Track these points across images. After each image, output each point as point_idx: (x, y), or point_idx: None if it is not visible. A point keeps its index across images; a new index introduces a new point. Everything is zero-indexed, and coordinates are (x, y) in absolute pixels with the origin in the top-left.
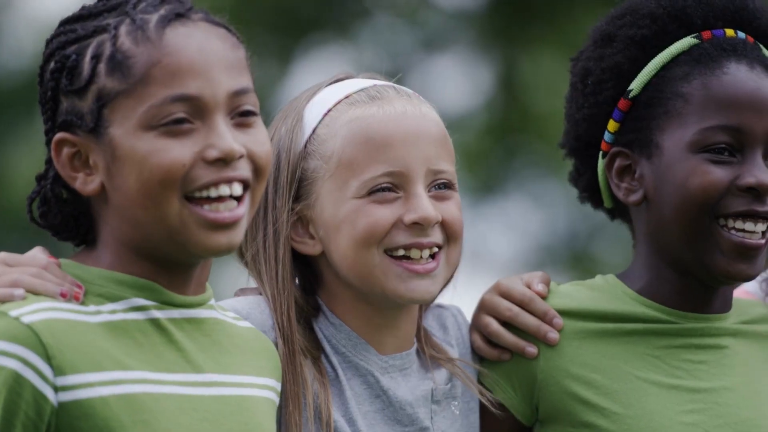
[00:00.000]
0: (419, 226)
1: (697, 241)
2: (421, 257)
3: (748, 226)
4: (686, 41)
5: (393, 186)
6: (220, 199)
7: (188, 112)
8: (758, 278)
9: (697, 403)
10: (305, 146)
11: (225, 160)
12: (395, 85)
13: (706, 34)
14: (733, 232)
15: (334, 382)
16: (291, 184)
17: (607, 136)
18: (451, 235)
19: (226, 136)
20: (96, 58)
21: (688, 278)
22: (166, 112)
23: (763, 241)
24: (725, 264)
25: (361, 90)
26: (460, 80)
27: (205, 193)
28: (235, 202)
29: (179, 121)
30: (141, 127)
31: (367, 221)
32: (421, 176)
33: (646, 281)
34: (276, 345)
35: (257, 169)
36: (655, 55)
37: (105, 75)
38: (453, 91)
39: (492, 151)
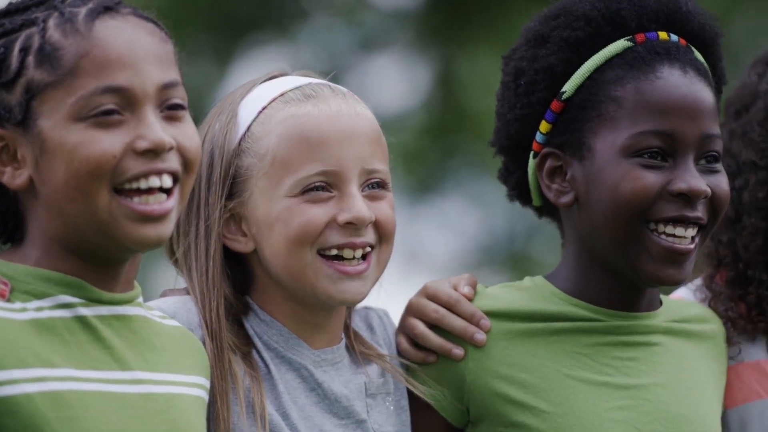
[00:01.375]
0: (353, 226)
1: (627, 245)
2: (354, 257)
3: (679, 231)
4: (620, 44)
5: (327, 185)
6: (149, 191)
7: (118, 103)
8: (691, 286)
9: (626, 400)
10: (239, 143)
11: (155, 152)
12: (330, 83)
13: (640, 37)
14: (663, 237)
15: (266, 377)
16: (224, 181)
17: (538, 137)
18: (383, 235)
19: (156, 128)
20: (24, 50)
21: (617, 279)
22: (96, 103)
23: (692, 246)
24: (654, 268)
25: (297, 88)
26: (397, 80)
27: (135, 185)
28: (164, 195)
29: (109, 113)
30: (70, 118)
31: (300, 220)
32: (355, 176)
33: (574, 281)
34: (204, 343)
35: (186, 163)
36: (589, 58)
37: (34, 67)
38: (390, 90)
39: (429, 150)
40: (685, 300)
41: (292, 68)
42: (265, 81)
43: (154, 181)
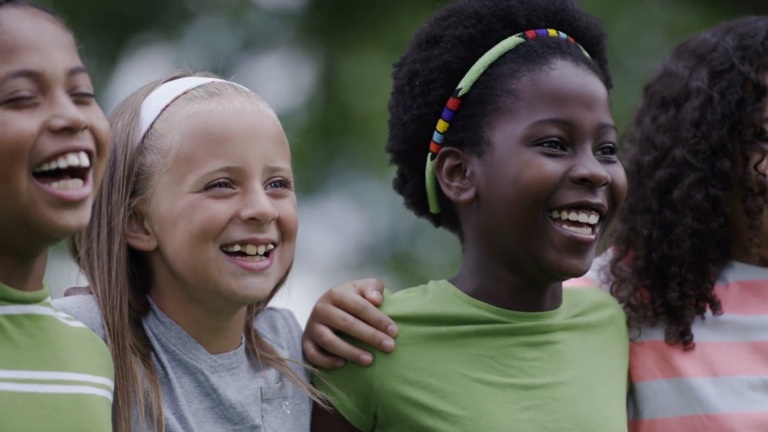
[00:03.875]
0: (256, 222)
1: (530, 236)
2: (257, 254)
3: (582, 217)
4: (512, 40)
5: (230, 181)
6: (68, 174)
7: (30, 89)
8: (594, 266)
9: (532, 400)
10: (142, 141)
11: (71, 129)
12: (234, 83)
13: (531, 34)
14: (564, 226)
15: (164, 380)
16: (128, 179)
17: (436, 137)
18: (286, 232)
19: (71, 107)
20: None
21: (520, 277)
22: (10, 87)
23: (593, 237)
24: (557, 259)
25: (200, 86)
26: (281, 80)
27: (53, 165)
28: (80, 182)
29: (24, 98)
30: None
31: (203, 216)
32: (258, 172)
33: (477, 283)
34: (106, 342)
35: (98, 144)
36: (482, 54)
37: None
38: (274, 90)
39: (312, 151)
40: (584, 287)
41: (188, 69)
42: (167, 81)
43: (72, 159)
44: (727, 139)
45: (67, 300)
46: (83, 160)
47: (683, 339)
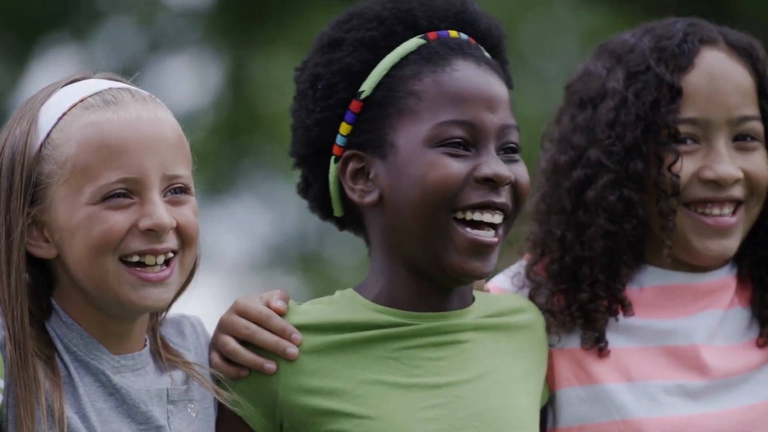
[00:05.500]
0: (154, 233)
1: (434, 238)
2: (156, 263)
3: (486, 217)
4: (414, 42)
5: (128, 192)
6: None
7: None
8: (508, 272)
9: (438, 398)
10: (40, 150)
11: None
12: (131, 87)
13: (432, 35)
14: (468, 229)
15: (67, 380)
16: (26, 188)
17: (339, 140)
18: (186, 239)
19: None
20: None
21: (424, 280)
22: None
23: (496, 240)
24: (460, 261)
25: (97, 94)
26: (189, 80)
27: None
28: None
29: None
30: None
31: (101, 228)
32: (156, 182)
33: (382, 288)
34: (4, 345)
35: None
36: (384, 56)
37: None
38: (182, 90)
39: (220, 151)
40: (503, 293)
41: (89, 70)
42: (66, 84)
43: None
44: (641, 141)
45: None
46: None
47: (598, 345)
